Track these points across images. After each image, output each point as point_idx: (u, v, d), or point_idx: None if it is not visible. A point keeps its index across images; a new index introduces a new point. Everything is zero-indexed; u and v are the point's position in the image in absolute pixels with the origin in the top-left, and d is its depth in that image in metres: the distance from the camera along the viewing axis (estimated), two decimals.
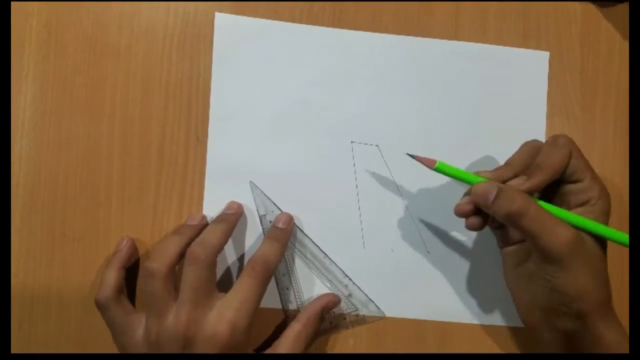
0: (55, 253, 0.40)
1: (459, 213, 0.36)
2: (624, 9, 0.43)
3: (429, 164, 0.36)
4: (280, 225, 0.39)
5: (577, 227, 0.34)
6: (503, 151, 0.39)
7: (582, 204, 0.34)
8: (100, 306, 0.36)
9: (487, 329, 0.41)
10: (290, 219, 0.39)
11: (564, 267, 0.33)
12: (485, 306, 0.41)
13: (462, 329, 0.41)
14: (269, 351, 0.36)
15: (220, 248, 0.36)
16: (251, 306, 0.35)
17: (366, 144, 0.41)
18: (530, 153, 0.36)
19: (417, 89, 0.42)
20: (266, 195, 0.40)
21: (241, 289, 0.35)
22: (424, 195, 0.41)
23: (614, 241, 0.34)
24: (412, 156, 0.36)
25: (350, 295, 0.41)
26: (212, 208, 0.40)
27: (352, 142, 0.41)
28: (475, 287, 0.41)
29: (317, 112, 0.41)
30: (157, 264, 0.35)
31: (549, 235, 0.32)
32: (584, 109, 0.43)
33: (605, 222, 0.35)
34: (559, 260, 0.32)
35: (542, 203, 0.34)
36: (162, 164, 0.41)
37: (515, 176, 0.35)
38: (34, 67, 0.40)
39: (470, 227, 0.36)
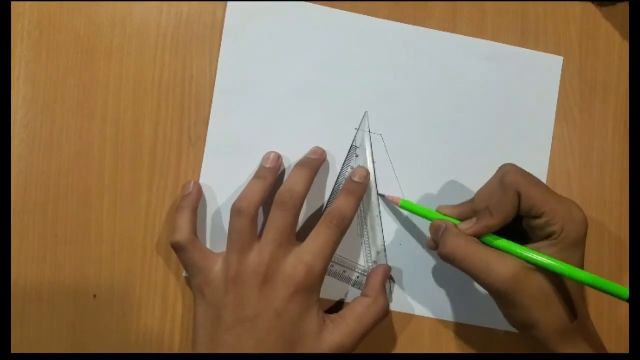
0: (47, 254, 0.40)
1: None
2: (623, 9, 0.42)
3: (395, 201, 0.39)
4: (356, 179, 0.39)
5: (527, 261, 0.33)
6: (506, 152, 0.40)
7: (545, 238, 0.34)
8: (178, 248, 0.37)
9: (483, 330, 0.41)
10: (367, 174, 0.40)
11: (510, 303, 0.33)
12: (481, 307, 0.41)
13: (457, 328, 0.41)
14: (337, 320, 0.36)
15: (305, 194, 0.38)
16: (327, 254, 0.36)
17: (370, 132, 0.41)
18: (494, 190, 0.35)
19: (428, 80, 0.41)
20: (370, 133, 0.40)
21: (319, 238, 0.36)
22: (421, 188, 0.41)
23: (565, 276, 0.33)
24: (381, 195, 0.40)
25: (375, 262, 0.41)
26: (209, 181, 0.40)
27: (356, 129, 0.41)
28: (471, 286, 0.41)
29: (323, 96, 0.41)
30: (246, 203, 0.37)
31: (484, 274, 0.33)
32: (582, 110, 0.42)
33: (574, 253, 0.33)
34: (501, 297, 0.33)
35: (490, 238, 0.35)
36: (155, 166, 0.40)
37: (476, 214, 0.36)
38: (26, 67, 0.40)
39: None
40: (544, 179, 0.41)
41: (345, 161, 0.41)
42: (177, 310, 0.40)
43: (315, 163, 0.39)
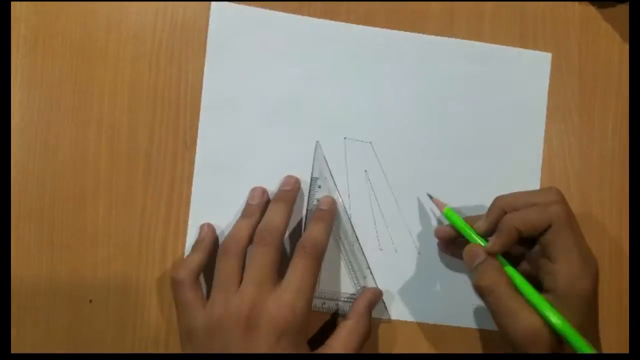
0: (43, 259, 0.40)
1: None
2: (623, 10, 0.42)
3: (440, 207, 0.38)
4: (323, 207, 0.39)
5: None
6: (499, 153, 0.40)
7: (549, 290, 0.33)
8: (175, 283, 0.37)
9: (482, 332, 0.41)
10: (332, 201, 0.39)
11: (515, 348, 0.33)
12: (479, 310, 0.41)
13: (455, 331, 0.41)
14: (324, 349, 0.36)
15: (284, 228, 0.37)
16: (308, 288, 0.35)
17: (359, 140, 0.41)
18: (530, 203, 0.35)
19: (415, 86, 0.41)
20: (326, 161, 0.40)
21: (296, 272, 0.35)
22: (415, 194, 0.41)
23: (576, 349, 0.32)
24: (430, 197, 0.39)
25: (364, 287, 0.40)
26: (200, 203, 0.40)
27: (345, 138, 0.41)
28: (467, 289, 0.41)
29: (311, 106, 0.41)
30: (234, 243, 0.36)
31: (510, 321, 0.32)
32: (582, 112, 0.42)
33: (573, 320, 0.32)
34: (517, 347, 0.32)
35: (523, 284, 0.34)
36: (150, 170, 0.40)
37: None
38: (22, 72, 0.40)
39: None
40: (537, 178, 0.41)
41: (309, 194, 0.40)
42: (173, 314, 0.40)
43: (290, 194, 0.39)
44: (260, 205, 0.39)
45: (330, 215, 0.39)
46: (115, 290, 0.40)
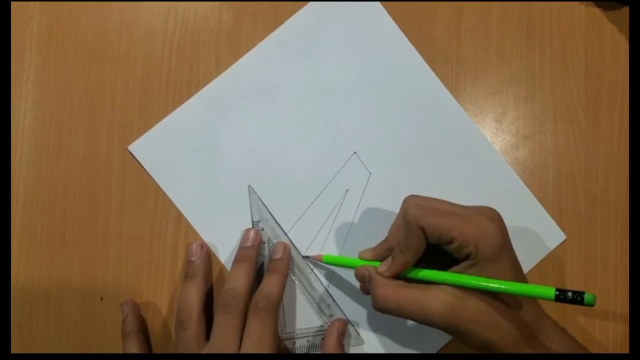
0: (55, 257, 0.40)
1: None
2: (628, 12, 0.42)
3: (318, 258, 0.39)
4: (277, 255, 0.39)
5: (459, 285, 0.32)
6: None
7: (465, 258, 0.32)
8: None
9: None
10: (285, 247, 0.39)
11: (457, 333, 0.32)
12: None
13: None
14: None
15: (248, 289, 0.37)
16: (267, 344, 0.35)
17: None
18: (400, 226, 0.34)
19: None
20: (262, 202, 0.40)
21: (253, 332, 0.35)
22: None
23: (494, 291, 0.31)
24: (306, 257, 0.40)
25: (331, 316, 0.40)
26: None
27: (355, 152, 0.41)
28: None
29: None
30: (186, 314, 0.36)
31: (420, 315, 0.32)
32: (587, 113, 0.42)
33: (498, 265, 0.32)
34: (447, 330, 0.32)
35: (414, 272, 0.34)
36: None
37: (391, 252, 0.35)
38: (35, 71, 0.41)
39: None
40: (546, 180, 0.41)
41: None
42: None
43: (251, 252, 0.38)
44: (201, 259, 0.39)
45: (284, 263, 0.39)
46: (126, 288, 0.40)
